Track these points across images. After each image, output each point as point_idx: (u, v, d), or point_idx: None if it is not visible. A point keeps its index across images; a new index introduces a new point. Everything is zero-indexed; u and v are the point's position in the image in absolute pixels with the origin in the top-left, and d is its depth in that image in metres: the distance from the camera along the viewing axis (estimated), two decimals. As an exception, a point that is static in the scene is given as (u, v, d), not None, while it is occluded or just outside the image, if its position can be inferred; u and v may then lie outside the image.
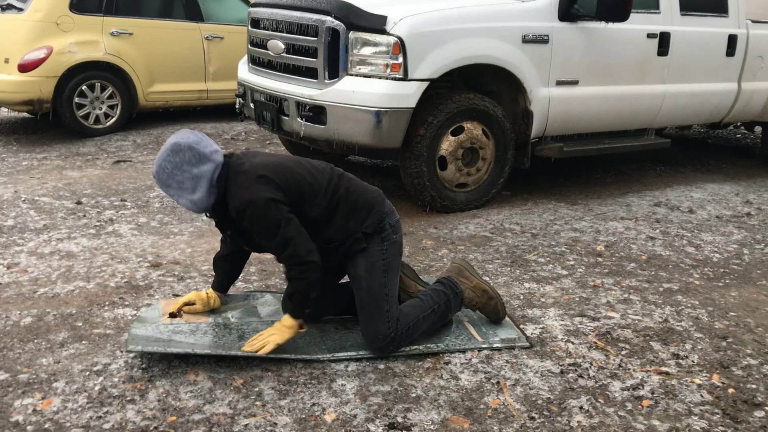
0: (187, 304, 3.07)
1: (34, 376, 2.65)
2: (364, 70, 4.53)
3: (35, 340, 2.94)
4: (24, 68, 6.63)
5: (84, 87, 6.87)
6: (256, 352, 2.75)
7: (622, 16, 4.88)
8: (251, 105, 5.31)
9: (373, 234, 2.87)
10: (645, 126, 5.77)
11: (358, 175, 3.06)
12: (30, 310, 3.22)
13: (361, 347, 2.89)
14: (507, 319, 3.18)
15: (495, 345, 2.97)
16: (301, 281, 2.74)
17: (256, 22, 5.30)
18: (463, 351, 2.93)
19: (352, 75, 4.56)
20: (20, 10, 6.90)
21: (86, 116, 6.96)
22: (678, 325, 3.27)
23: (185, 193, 2.72)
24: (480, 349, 2.95)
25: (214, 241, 4.03)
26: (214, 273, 3.21)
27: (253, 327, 2.99)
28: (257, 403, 2.53)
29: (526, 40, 4.79)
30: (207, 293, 3.12)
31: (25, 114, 7.66)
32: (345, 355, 2.84)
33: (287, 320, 2.81)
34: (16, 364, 2.75)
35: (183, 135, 2.73)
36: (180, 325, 2.96)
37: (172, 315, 3.03)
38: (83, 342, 2.93)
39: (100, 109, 7.03)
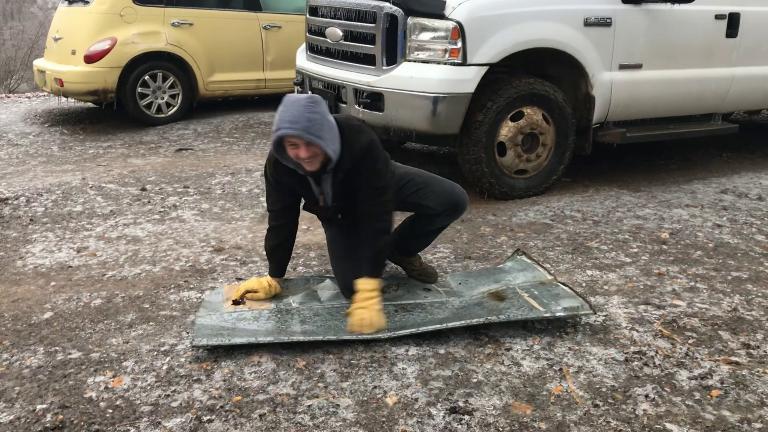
0: (248, 291, 3.13)
1: (105, 355, 2.74)
2: (423, 55, 4.51)
3: (105, 321, 3.04)
4: (89, 59, 6.84)
5: (146, 77, 7.05)
6: (371, 333, 2.81)
7: (688, -3, 4.74)
8: (309, 93, 5.35)
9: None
10: (711, 111, 5.58)
11: (414, 162, 3.11)
12: (99, 292, 3.33)
13: (421, 325, 2.89)
14: (567, 289, 3.13)
15: (558, 314, 2.92)
16: (386, 235, 2.95)
17: (314, 10, 5.32)
18: (525, 321, 2.96)
19: (410, 61, 4.54)
20: (86, 3, 7.13)
21: (149, 106, 7.14)
22: (748, 315, 3.16)
23: (334, 140, 2.76)
24: (542, 319, 2.94)
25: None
26: (268, 261, 3.24)
27: (314, 311, 3.03)
28: (320, 384, 2.56)
29: (588, 23, 4.69)
30: (267, 281, 3.17)
31: (90, 104, 7.90)
32: (406, 332, 2.84)
33: (370, 284, 2.89)
34: (88, 343, 2.84)
35: (300, 93, 2.85)
36: (243, 312, 3.01)
37: (236, 302, 3.09)
38: (150, 323, 3.02)
39: (162, 98, 7.20)
